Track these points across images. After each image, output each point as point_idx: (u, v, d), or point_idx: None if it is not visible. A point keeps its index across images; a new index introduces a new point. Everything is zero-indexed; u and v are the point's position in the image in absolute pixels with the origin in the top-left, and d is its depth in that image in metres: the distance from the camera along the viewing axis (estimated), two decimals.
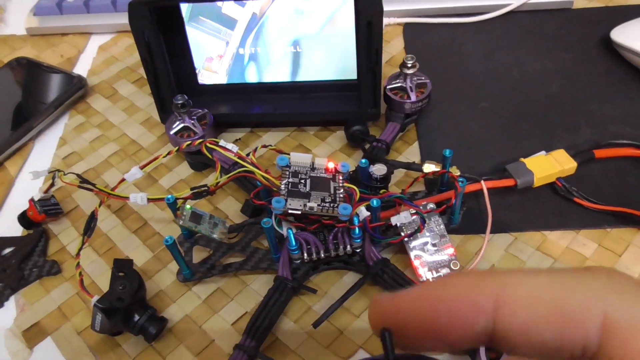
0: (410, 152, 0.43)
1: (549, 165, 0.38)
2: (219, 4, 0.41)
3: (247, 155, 0.37)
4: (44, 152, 0.48)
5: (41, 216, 0.40)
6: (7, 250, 0.40)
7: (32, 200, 0.40)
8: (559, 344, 0.12)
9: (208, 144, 0.36)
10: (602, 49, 0.49)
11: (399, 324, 0.14)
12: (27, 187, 0.44)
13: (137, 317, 0.32)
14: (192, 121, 0.41)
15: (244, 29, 0.42)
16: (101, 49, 0.57)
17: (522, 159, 0.39)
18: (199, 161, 0.42)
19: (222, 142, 0.36)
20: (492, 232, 0.35)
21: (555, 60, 0.48)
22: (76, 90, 0.51)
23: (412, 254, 0.33)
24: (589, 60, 0.48)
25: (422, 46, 0.52)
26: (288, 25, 0.41)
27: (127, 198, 0.36)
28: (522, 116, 0.44)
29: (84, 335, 0.35)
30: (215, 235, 0.35)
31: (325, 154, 0.44)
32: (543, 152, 0.39)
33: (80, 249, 0.35)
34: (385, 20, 0.53)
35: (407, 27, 0.54)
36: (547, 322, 0.12)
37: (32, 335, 0.35)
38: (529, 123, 0.44)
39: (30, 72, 0.54)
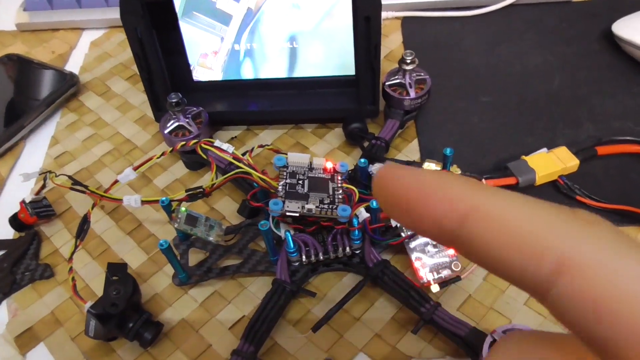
0: (410, 150, 0.42)
1: (550, 163, 0.37)
2: None
3: (244, 155, 0.36)
4: (35, 151, 0.47)
5: (33, 218, 0.39)
6: None
7: (23, 202, 0.39)
8: (512, 272, 0.12)
9: (203, 145, 0.35)
10: (604, 42, 0.48)
11: (387, 198, 0.15)
12: (18, 188, 0.43)
13: (132, 323, 0.32)
14: (187, 120, 0.40)
15: (239, 24, 0.41)
16: (93, 45, 0.56)
17: (523, 157, 0.38)
18: (195, 160, 0.42)
19: (217, 143, 0.35)
20: None
21: (556, 54, 0.48)
22: (68, 88, 0.50)
23: (413, 256, 0.33)
24: (591, 55, 0.47)
25: (421, 40, 0.51)
26: (284, 21, 0.40)
27: (121, 200, 0.35)
28: (523, 111, 0.43)
29: (78, 340, 0.34)
30: (211, 238, 0.34)
31: (324, 152, 0.43)
32: (545, 150, 0.39)
33: (72, 253, 0.34)
34: (384, 15, 0.52)
35: (405, 21, 0.53)
36: (506, 247, 0.12)
37: (25, 341, 0.34)
38: (530, 118, 0.43)
39: (20, 69, 0.52)
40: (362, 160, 0.35)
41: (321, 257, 0.33)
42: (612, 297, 0.11)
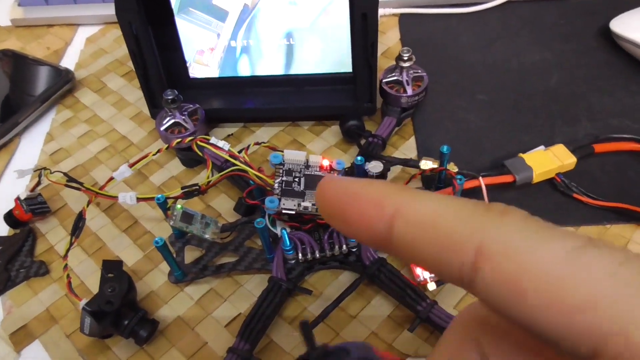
0: (407, 147, 0.42)
1: (548, 161, 0.37)
2: None
3: (240, 152, 0.36)
4: (30, 148, 0.46)
5: (28, 215, 0.39)
6: None
7: (18, 198, 0.39)
8: (440, 267, 0.13)
9: (199, 142, 0.35)
10: (602, 39, 0.48)
11: (325, 208, 0.15)
12: (13, 185, 0.43)
13: (127, 320, 0.31)
14: (183, 117, 0.40)
15: (235, 20, 0.41)
16: (89, 41, 0.56)
17: (520, 155, 0.38)
18: (191, 157, 0.41)
19: (213, 140, 0.35)
20: None
21: (554, 51, 0.48)
22: (63, 84, 0.49)
23: None
24: (589, 52, 0.47)
25: (419, 37, 0.50)
26: (281, 17, 0.40)
27: (116, 197, 0.35)
28: (521, 109, 0.43)
29: (73, 338, 0.34)
30: (207, 236, 0.34)
31: (320, 150, 0.43)
32: (542, 147, 0.39)
33: (68, 250, 0.34)
34: (381, 11, 0.52)
35: (402, 17, 0.53)
36: (430, 244, 0.13)
37: (20, 338, 0.34)
38: (528, 116, 0.43)
39: (15, 65, 0.52)
40: (359, 158, 0.35)
41: (317, 255, 0.33)
42: (524, 276, 0.11)
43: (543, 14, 0.51)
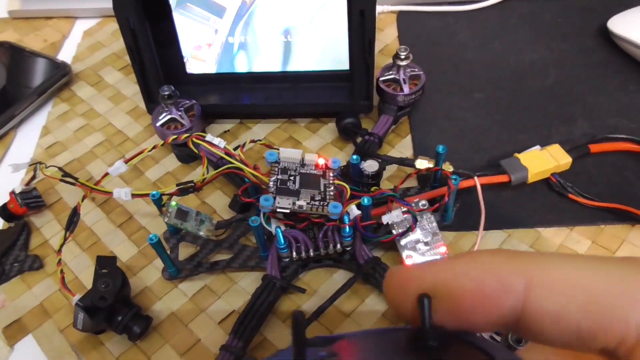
0: (403, 145, 0.42)
1: (543, 161, 0.37)
2: None
3: (235, 149, 0.36)
4: (26, 141, 0.46)
5: (22, 209, 0.39)
6: None
7: (13, 192, 0.39)
8: (594, 335, 0.11)
9: (194, 139, 0.35)
10: (599, 39, 0.48)
11: (417, 293, 0.13)
12: (8, 179, 0.42)
13: (120, 316, 0.31)
14: (180, 112, 0.40)
15: (233, 16, 0.41)
16: (86, 34, 0.55)
17: (516, 154, 0.38)
18: (187, 153, 0.41)
19: (209, 137, 0.35)
20: (485, 228, 0.35)
21: (551, 50, 0.47)
22: (60, 77, 0.49)
23: (404, 253, 0.33)
24: (586, 51, 0.47)
25: (417, 35, 0.50)
26: (279, 14, 0.40)
27: (111, 193, 0.35)
28: (517, 107, 0.43)
29: (67, 333, 0.34)
30: (202, 233, 0.34)
31: (316, 147, 0.43)
32: (538, 147, 0.39)
33: (62, 245, 0.34)
34: (379, 8, 0.52)
35: (401, 15, 0.52)
36: (585, 311, 0.11)
37: (13, 332, 0.34)
38: (525, 114, 0.43)
39: (12, 57, 0.52)
40: (355, 156, 0.35)
41: (312, 254, 0.33)
42: None
43: (541, 12, 0.51)
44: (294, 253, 0.33)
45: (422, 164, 0.35)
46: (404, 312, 0.13)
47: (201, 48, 0.42)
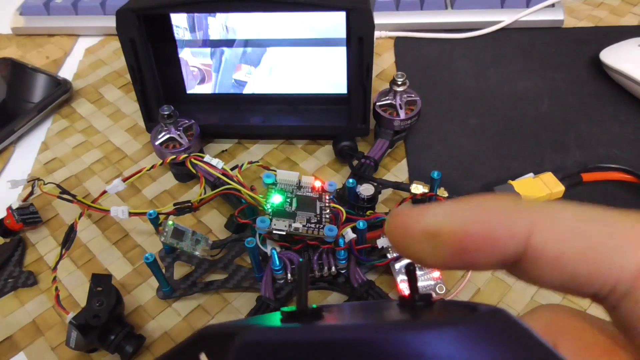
0: (399, 170, 0.42)
1: (537, 189, 0.38)
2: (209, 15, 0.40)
3: (233, 169, 0.36)
4: (24, 156, 0.47)
5: (19, 225, 0.39)
6: None
7: (10, 208, 0.39)
8: (589, 280, 0.12)
9: (192, 159, 0.35)
10: (592, 69, 0.49)
11: (426, 239, 0.13)
12: (5, 194, 0.43)
13: (113, 335, 0.31)
14: (178, 132, 0.40)
15: (234, 39, 0.41)
16: (88, 52, 0.56)
17: (510, 182, 0.38)
18: (184, 172, 0.42)
19: (207, 158, 0.35)
20: None
21: (545, 79, 0.48)
22: (61, 94, 0.50)
23: (398, 277, 0.33)
24: (579, 81, 0.48)
25: (413, 60, 0.51)
26: (279, 38, 0.41)
27: (108, 211, 0.35)
28: (511, 135, 0.44)
29: (58, 350, 0.34)
30: (197, 253, 0.34)
31: (313, 169, 0.43)
32: (531, 175, 0.39)
33: (57, 262, 0.34)
34: (377, 34, 0.53)
35: (398, 40, 0.53)
36: (583, 256, 0.12)
37: (5, 349, 0.34)
38: (518, 142, 0.43)
39: (14, 73, 0.52)
40: (351, 180, 0.35)
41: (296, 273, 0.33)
42: None
43: (535, 42, 0.52)
44: (289, 275, 0.33)
45: (418, 188, 0.36)
46: (409, 252, 0.14)
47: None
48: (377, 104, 0.41)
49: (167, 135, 0.40)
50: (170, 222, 0.34)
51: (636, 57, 0.45)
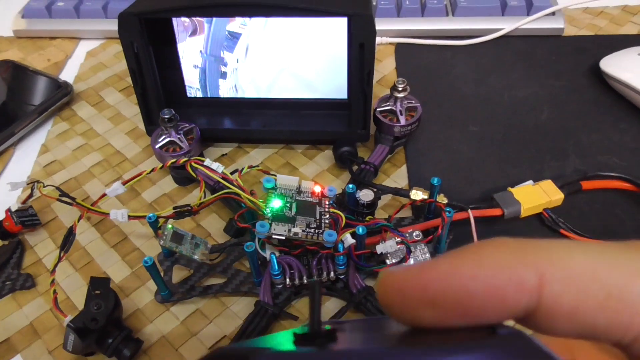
0: (399, 175, 0.42)
1: (536, 196, 0.38)
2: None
3: (233, 173, 0.36)
4: (24, 159, 0.47)
5: (17, 227, 0.39)
6: None
7: (9, 210, 0.39)
8: (610, 330, 0.11)
9: (193, 163, 0.35)
10: (592, 78, 0.49)
11: (426, 305, 0.12)
12: (4, 196, 0.43)
13: (111, 339, 0.31)
14: (179, 136, 0.40)
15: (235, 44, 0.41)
16: (89, 55, 0.56)
17: (509, 189, 0.38)
18: (184, 176, 0.42)
19: (207, 162, 0.35)
20: None
21: (545, 87, 0.49)
22: (61, 97, 0.50)
23: None
24: (579, 89, 0.48)
25: (414, 67, 0.51)
26: (280, 42, 0.41)
27: (108, 214, 0.35)
28: (511, 142, 0.44)
29: (56, 354, 0.34)
30: (196, 257, 0.34)
31: (313, 174, 0.43)
32: (531, 182, 0.39)
33: (56, 265, 0.34)
34: (378, 40, 0.53)
35: (399, 47, 0.54)
36: (603, 307, 0.11)
37: (2, 352, 0.34)
38: (518, 149, 0.43)
39: (15, 75, 0.52)
40: (350, 185, 0.35)
41: (305, 281, 0.33)
42: None
43: (536, 50, 0.52)
44: (288, 279, 0.33)
45: (417, 195, 0.36)
46: (406, 319, 0.13)
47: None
48: (378, 109, 0.41)
49: (168, 139, 0.40)
50: (169, 226, 0.34)
51: (636, 66, 0.46)
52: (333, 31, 0.39)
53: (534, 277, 0.11)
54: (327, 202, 0.33)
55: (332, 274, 0.33)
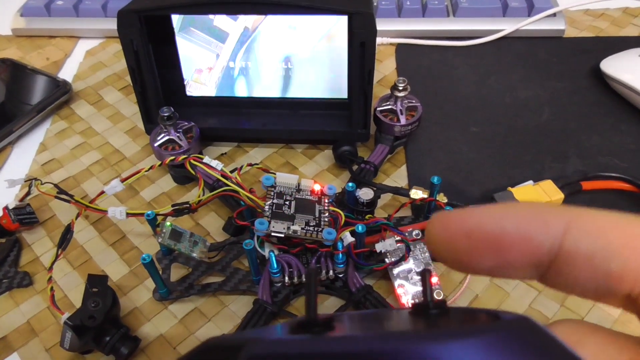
0: (399, 175, 0.42)
1: (536, 196, 0.38)
2: (210, 16, 0.40)
3: (232, 172, 0.36)
4: (22, 157, 0.46)
5: (15, 225, 0.38)
6: None
7: (6, 208, 0.38)
8: (622, 276, 0.12)
9: (192, 161, 0.35)
10: (592, 79, 0.49)
11: (463, 237, 0.14)
12: (2, 194, 0.42)
13: (109, 337, 0.31)
14: (178, 134, 0.40)
15: (235, 42, 0.41)
16: (88, 54, 0.56)
17: (510, 189, 0.38)
18: (183, 174, 0.41)
19: (206, 159, 0.35)
20: None
21: (546, 88, 0.48)
22: (60, 95, 0.50)
23: (396, 282, 0.33)
24: (580, 90, 0.48)
25: (415, 67, 0.51)
26: (280, 41, 0.41)
27: (106, 212, 0.35)
28: (512, 143, 0.44)
29: (53, 352, 0.33)
30: (195, 254, 0.34)
31: (312, 173, 0.43)
32: (531, 182, 0.39)
33: (53, 263, 0.33)
34: (379, 40, 0.53)
35: (400, 47, 0.54)
36: (618, 253, 0.12)
37: None
38: (518, 150, 0.43)
39: (13, 74, 0.52)
40: (350, 184, 0.35)
41: (304, 279, 0.33)
42: None
43: (537, 51, 0.52)
44: (287, 278, 0.33)
45: (417, 194, 0.36)
46: (446, 251, 0.14)
47: (202, 72, 0.43)
48: (378, 109, 0.41)
49: (167, 137, 0.40)
50: (168, 224, 0.33)
51: (636, 68, 0.45)
52: (333, 29, 0.39)
53: (559, 223, 0.13)
54: (326, 201, 0.33)
55: (331, 272, 0.33)
